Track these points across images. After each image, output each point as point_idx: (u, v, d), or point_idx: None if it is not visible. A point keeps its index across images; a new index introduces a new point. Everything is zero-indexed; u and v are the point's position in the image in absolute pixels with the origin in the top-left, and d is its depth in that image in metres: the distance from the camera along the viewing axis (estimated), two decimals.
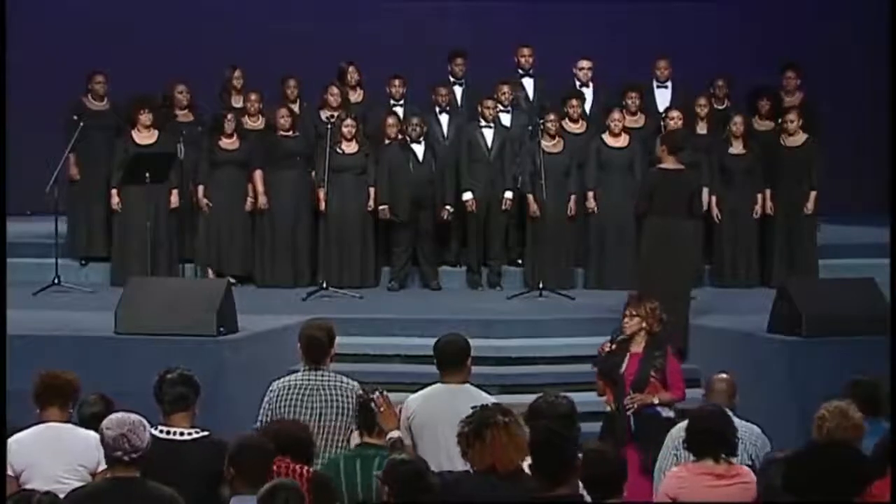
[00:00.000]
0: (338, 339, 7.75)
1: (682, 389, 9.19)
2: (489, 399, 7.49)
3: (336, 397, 7.47)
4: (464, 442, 6.05)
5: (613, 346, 9.29)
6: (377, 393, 6.90)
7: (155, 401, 6.76)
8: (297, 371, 7.68)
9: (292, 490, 5.61)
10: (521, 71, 14.22)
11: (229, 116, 13.46)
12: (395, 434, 6.88)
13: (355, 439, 7.24)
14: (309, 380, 7.52)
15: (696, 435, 6.90)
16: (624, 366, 9.13)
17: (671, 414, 9.07)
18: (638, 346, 9.18)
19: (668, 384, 9.09)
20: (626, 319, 9.21)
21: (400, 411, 7.18)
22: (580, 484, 5.83)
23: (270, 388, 7.62)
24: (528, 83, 14.23)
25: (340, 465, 6.74)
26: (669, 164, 11.57)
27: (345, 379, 7.58)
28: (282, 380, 7.65)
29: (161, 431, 6.62)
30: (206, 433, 6.70)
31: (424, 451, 7.01)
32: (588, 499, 5.81)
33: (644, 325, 9.17)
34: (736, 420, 7.71)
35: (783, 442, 7.75)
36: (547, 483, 5.66)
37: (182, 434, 6.66)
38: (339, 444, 7.41)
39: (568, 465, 5.69)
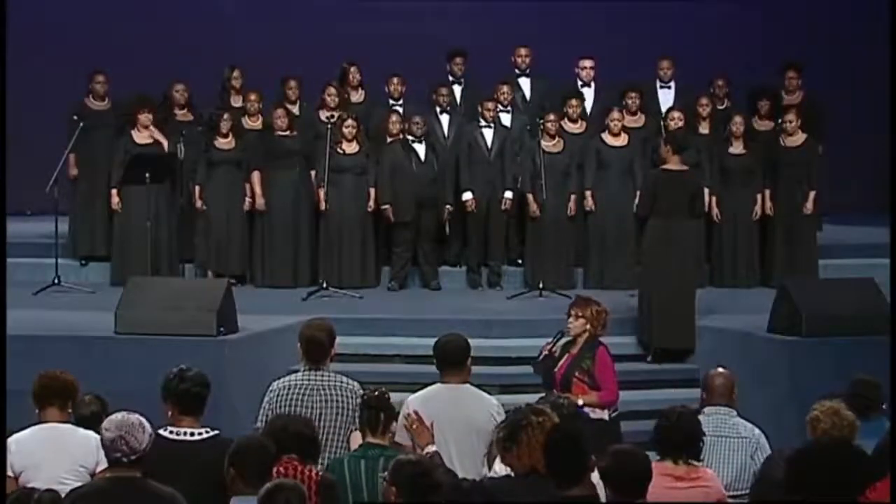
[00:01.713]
0: (338, 339, 7.75)
1: (612, 391, 9.03)
2: (490, 399, 7.52)
3: (336, 397, 7.46)
4: (500, 447, 6.01)
5: (554, 349, 9.14)
6: (410, 410, 6.86)
7: (163, 400, 6.66)
8: (297, 371, 7.68)
9: (293, 490, 5.59)
10: (517, 71, 14.21)
11: (225, 116, 13.47)
12: (431, 448, 6.85)
13: (357, 439, 7.26)
14: (309, 380, 7.52)
15: (661, 434, 6.81)
16: (558, 367, 9.04)
17: (603, 415, 8.95)
18: (577, 348, 9.08)
19: (597, 386, 8.95)
20: (572, 320, 9.09)
21: (399, 413, 7.17)
22: (597, 483, 5.79)
23: (270, 388, 7.61)
24: (525, 83, 14.22)
25: (345, 466, 6.73)
26: (673, 164, 11.56)
27: (345, 379, 7.58)
28: (282, 380, 7.64)
29: (171, 433, 6.56)
30: (216, 432, 6.63)
31: None
32: (603, 498, 5.78)
33: (588, 326, 9.07)
34: (738, 419, 7.71)
35: (783, 442, 7.73)
36: (562, 483, 5.63)
37: (193, 434, 6.60)
38: (339, 444, 7.40)
39: (582, 465, 5.65)
